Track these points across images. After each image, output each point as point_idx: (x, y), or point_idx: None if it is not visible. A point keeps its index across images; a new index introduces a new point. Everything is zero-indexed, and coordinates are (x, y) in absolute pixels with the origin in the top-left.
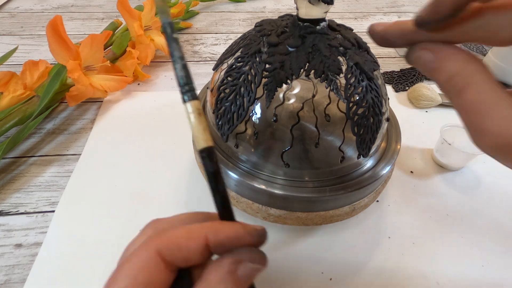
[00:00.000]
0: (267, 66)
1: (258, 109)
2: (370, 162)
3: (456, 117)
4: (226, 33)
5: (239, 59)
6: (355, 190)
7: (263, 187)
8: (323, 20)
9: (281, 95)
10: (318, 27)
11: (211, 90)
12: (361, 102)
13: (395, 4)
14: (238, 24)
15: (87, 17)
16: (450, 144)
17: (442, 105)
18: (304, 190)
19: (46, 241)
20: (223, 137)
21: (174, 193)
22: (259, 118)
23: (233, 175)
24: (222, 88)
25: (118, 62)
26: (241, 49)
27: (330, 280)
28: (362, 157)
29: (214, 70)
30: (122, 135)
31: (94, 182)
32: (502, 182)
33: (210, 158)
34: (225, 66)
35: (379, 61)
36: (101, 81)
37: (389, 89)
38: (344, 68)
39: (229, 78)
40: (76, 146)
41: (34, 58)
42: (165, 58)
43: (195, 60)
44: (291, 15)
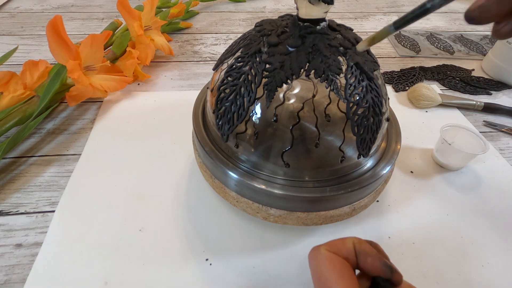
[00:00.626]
0: (267, 66)
1: (258, 109)
2: (370, 162)
3: (456, 117)
4: (226, 33)
5: (239, 59)
6: (355, 190)
7: (263, 187)
8: (323, 20)
9: (281, 95)
10: (318, 27)
11: (211, 90)
12: (361, 102)
13: (395, 4)
14: (238, 24)
15: (87, 17)
16: (450, 144)
17: (442, 105)
18: (304, 190)
19: (46, 241)
20: (223, 137)
21: (174, 193)
22: (259, 118)
23: (233, 175)
24: (222, 88)
25: (118, 62)
26: (241, 49)
27: None
28: (362, 157)
29: (214, 70)
30: (122, 135)
31: (94, 182)
32: (502, 182)
33: None
34: (225, 66)
35: (379, 61)
36: (101, 81)
37: (389, 89)
38: (344, 68)
39: (229, 78)
40: (76, 146)
41: (34, 58)
42: (165, 58)
43: (195, 60)
44: (291, 15)
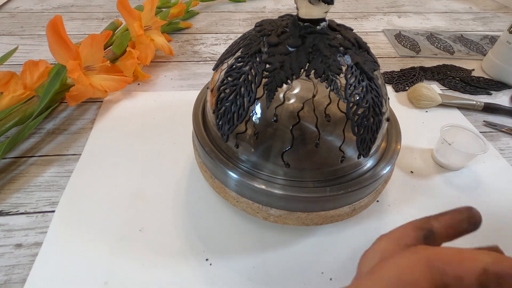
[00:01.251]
0: (267, 66)
1: (258, 109)
2: (370, 162)
3: (456, 117)
4: (226, 33)
5: (239, 59)
6: (355, 190)
7: (263, 187)
8: (323, 20)
9: (281, 95)
10: (318, 27)
11: (211, 90)
12: (361, 102)
13: (395, 4)
14: (238, 24)
15: (87, 17)
16: (450, 144)
17: (442, 105)
18: (304, 190)
19: (46, 241)
20: (223, 137)
21: (174, 193)
22: (259, 118)
23: (233, 175)
24: (222, 88)
25: (118, 62)
26: (241, 49)
27: (330, 280)
28: (362, 157)
29: (214, 70)
30: (122, 135)
31: (94, 182)
32: (502, 182)
33: None
34: (225, 66)
35: (379, 61)
36: (101, 81)
37: (389, 89)
38: (344, 68)
39: (229, 78)
40: (76, 146)
41: (34, 58)
42: (165, 58)
43: (195, 60)
44: (291, 15)
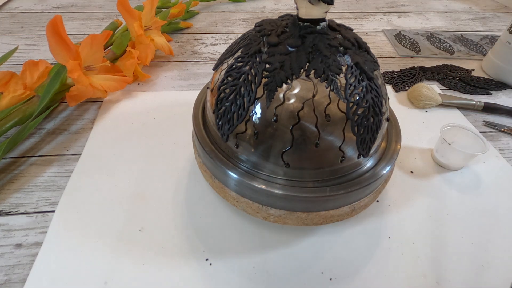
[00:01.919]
0: (267, 66)
1: (258, 109)
2: (370, 162)
3: (456, 117)
4: (226, 33)
5: (239, 59)
6: (355, 190)
7: (263, 187)
8: (323, 20)
9: (281, 95)
10: (318, 27)
11: (211, 90)
12: (361, 102)
13: (395, 4)
14: (238, 24)
15: (87, 17)
16: (450, 144)
17: (442, 105)
18: (304, 190)
19: (46, 241)
20: (223, 137)
21: (174, 193)
22: (259, 118)
23: (233, 175)
24: (222, 88)
25: (118, 62)
26: (241, 49)
27: (330, 280)
28: (362, 157)
29: (214, 70)
30: (122, 135)
31: (94, 182)
32: (502, 182)
33: None
34: (225, 66)
35: (379, 61)
36: (101, 81)
37: (389, 89)
38: (344, 68)
39: (229, 78)
40: (76, 146)
41: (34, 58)
42: (165, 58)
43: (195, 60)
44: (291, 15)
